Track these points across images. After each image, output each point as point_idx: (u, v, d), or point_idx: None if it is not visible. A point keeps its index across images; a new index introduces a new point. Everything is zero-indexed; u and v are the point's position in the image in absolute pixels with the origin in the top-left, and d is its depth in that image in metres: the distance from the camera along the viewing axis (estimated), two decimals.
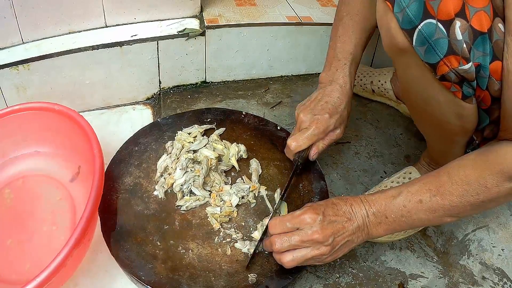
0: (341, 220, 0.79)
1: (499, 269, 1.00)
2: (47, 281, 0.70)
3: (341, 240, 0.78)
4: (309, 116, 0.95)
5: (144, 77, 1.33)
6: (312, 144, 0.96)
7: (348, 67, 0.99)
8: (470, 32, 0.66)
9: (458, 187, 0.73)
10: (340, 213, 0.79)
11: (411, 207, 0.77)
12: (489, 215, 1.11)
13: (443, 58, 0.68)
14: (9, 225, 0.95)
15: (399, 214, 0.78)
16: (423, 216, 0.77)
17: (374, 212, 0.79)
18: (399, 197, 0.78)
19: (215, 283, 0.82)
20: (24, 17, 1.13)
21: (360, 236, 0.80)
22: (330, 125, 0.95)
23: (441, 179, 0.76)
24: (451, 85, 0.72)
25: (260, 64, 1.45)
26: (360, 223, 0.79)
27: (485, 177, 0.71)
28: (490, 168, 0.71)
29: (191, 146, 1.02)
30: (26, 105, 1.00)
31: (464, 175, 0.73)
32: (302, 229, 0.77)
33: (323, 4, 1.53)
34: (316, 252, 0.77)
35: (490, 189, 0.71)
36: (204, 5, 1.39)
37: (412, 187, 0.78)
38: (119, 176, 0.98)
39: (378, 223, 0.79)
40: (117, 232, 0.87)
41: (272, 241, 0.79)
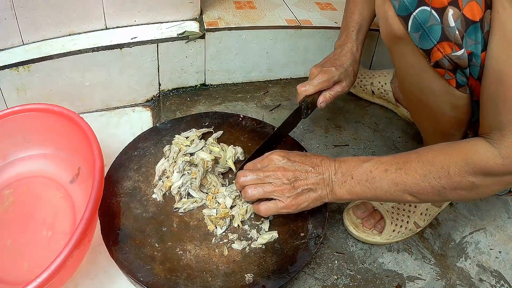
0: (305, 168, 0.85)
1: (496, 271, 1.00)
2: (47, 281, 0.70)
3: (302, 185, 0.84)
4: (318, 69, 1.07)
5: (143, 79, 1.33)
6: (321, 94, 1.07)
7: (355, 33, 1.12)
8: (462, 20, 0.68)
9: (423, 166, 0.75)
10: (306, 162, 0.86)
11: (376, 174, 0.79)
12: (486, 218, 1.12)
13: (437, 44, 0.72)
14: (9, 226, 0.95)
15: (364, 177, 0.81)
16: (385, 186, 0.79)
17: (342, 171, 0.83)
18: (369, 162, 0.81)
19: (212, 283, 0.82)
20: (25, 19, 1.14)
21: (324, 190, 0.84)
22: (335, 76, 1.05)
23: (410, 156, 0.78)
24: (445, 72, 0.75)
25: (259, 67, 1.46)
26: (326, 177, 0.84)
27: (448, 163, 0.73)
28: (455, 156, 0.73)
29: (187, 149, 1.02)
30: (26, 106, 1.00)
31: (431, 157, 0.75)
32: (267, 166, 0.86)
33: (322, 8, 1.53)
34: (276, 188, 0.84)
35: (452, 177, 0.72)
36: (204, 8, 1.40)
37: (383, 157, 0.82)
38: (119, 180, 0.99)
39: (343, 181, 0.83)
40: (116, 235, 0.88)
41: (238, 175, 0.89)
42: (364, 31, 1.14)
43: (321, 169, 0.84)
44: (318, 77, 1.04)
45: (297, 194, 0.84)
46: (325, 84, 1.05)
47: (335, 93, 1.08)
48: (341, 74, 1.06)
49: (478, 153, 0.70)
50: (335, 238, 1.02)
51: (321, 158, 0.86)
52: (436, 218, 1.09)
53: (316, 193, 0.84)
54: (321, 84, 1.04)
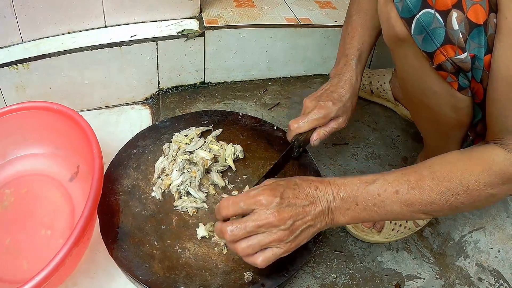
0: (301, 204, 0.73)
1: (495, 270, 1.00)
2: (46, 279, 0.70)
3: (301, 225, 0.72)
4: (313, 103, 0.97)
5: (143, 77, 1.33)
6: (314, 130, 0.98)
7: (355, 62, 1.02)
8: (466, 23, 0.67)
9: (439, 183, 0.70)
10: (301, 196, 0.73)
11: (386, 197, 0.72)
12: (485, 217, 1.12)
13: (440, 47, 0.70)
14: (8, 224, 0.95)
15: (371, 202, 0.72)
16: (397, 209, 0.72)
17: (343, 196, 0.73)
18: (374, 184, 0.73)
19: (211, 281, 0.82)
20: (24, 17, 1.14)
21: (323, 221, 0.74)
22: (332, 112, 0.96)
23: (422, 173, 0.72)
24: (448, 75, 0.74)
25: (259, 65, 1.46)
26: (324, 207, 0.74)
27: (467, 178, 0.69)
28: (473, 169, 0.69)
29: (187, 148, 1.02)
30: (25, 104, 1.00)
31: (446, 172, 0.70)
32: (256, 212, 0.71)
33: (322, 6, 1.53)
34: (274, 237, 0.70)
35: (471, 191, 0.69)
36: (204, 6, 1.40)
37: (389, 175, 0.73)
38: (118, 179, 0.99)
39: (346, 209, 0.74)
40: (115, 233, 0.88)
41: (223, 229, 0.72)
42: (364, 59, 1.04)
43: (318, 200, 0.74)
44: (314, 113, 0.95)
45: (296, 237, 0.72)
46: (321, 121, 0.96)
47: (331, 129, 0.98)
48: (339, 110, 0.97)
49: (496, 162, 0.68)
50: (334, 236, 1.02)
51: (315, 186, 0.75)
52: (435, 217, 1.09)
53: (315, 228, 0.74)
54: (316, 121, 0.96)
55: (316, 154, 1.21)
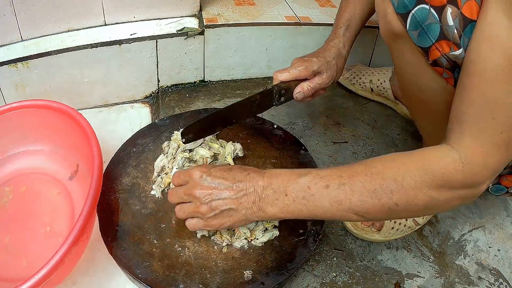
0: (225, 184, 0.76)
1: (495, 269, 1.00)
2: (45, 278, 0.70)
3: (220, 205, 0.75)
4: (299, 59, 1.01)
5: (142, 75, 1.33)
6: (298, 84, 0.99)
7: (343, 30, 1.08)
8: (460, 19, 0.68)
9: (372, 180, 0.67)
10: (228, 177, 0.76)
11: (315, 190, 0.70)
12: (485, 216, 1.12)
13: (435, 42, 0.71)
14: (7, 223, 0.95)
15: (300, 194, 0.71)
16: (327, 205, 0.70)
17: (274, 186, 0.74)
18: (306, 176, 0.72)
19: (211, 280, 0.82)
20: (23, 15, 1.13)
21: (250, 209, 0.75)
22: (314, 66, 0.98)
23: (356, 169, 0.70)
24: (443, 70, 0.74)
25: (259, 63, 1.45)
26: (249, 193, 0.74)
27: (403, 174, 0.66)
28: (411, 165, 0.66)
29: (186, 146, 1.02)
30: (25, 102, 1.00)
31: (381, 168, 0.68)
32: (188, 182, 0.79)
33: (322, 5, 1.53)
34: (195, 208, 0.77)
35: (407, 190, 0.65)
36: (203, 4, 1.39)
37: (323, 171, 0.72)
38: (117, 177, 0.99)
39: (275, 199, 0.73)
40: (115, 231, 0.88)
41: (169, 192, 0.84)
42: (353, 29, 1.08)
43: (244, 185, 0.75)
44: (297, 64, 0.98)
45: (215, 215, 0.76)
46: (303, 72, 0.97)
47: (314, 84, 0.99)
48: (322, 66, 0.99)
49: (436, 158, 0.66)
50: (334, 235, 1.02)
51: (247, 172, 0.77)
52: (435, 215, 1.09)
53: (239, 213, 0.76)
54: (299, 72, 0.97)
55: (315, 153, 1.21)
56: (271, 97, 0.98)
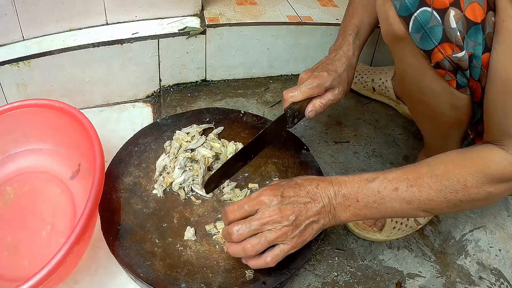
0: (302, 201, 0.75)
1: (496, 269, 1.00)
2: (47, 277, 0.70)
3: (304, 220, 0.75)
4: (308, 74, 0.96)
5: (144, 75, 1.33)
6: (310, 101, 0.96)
7: (353, 37, 1.02)
8: (463, 22, 0.68)
9: (437, 181, 0.71)
10: (301, 194, 0.76)
11: (385, 194, 0.74)
12: (486, 216, 1.12)
13: (438, 45, 0.71)
14: (9, 222, 0.95)
15: (371, 199, 0.74)
16: (397, 206, 0.74)
17: (345, 193, 0.76)
18: (375, 181, 0.75)
19: (213, 279, 0.82)
20: (25, 14, 1.14)
21: (326, 218, 0.76)
22: (326, 82, 0.94)
23: (421, 170, 0.73)
24: (446, 73, 0.74)
25: (260, 63, 1.45)
26: (326, 204, 0.76)
27: (465, 176, 0.70)
28: (471, 167, 0.70)
29: (188, 145, 1.02)
30: (27, 102, 1.00)
31: (444, 170, 0.71)
32: (259, 211, 0.75)
33: (324, 4, 1.53)
34: (278, 232, 0.73)
35: (469, 189, 0.70)
36: (205, 4, 1.39)
37: (389, 174, 0.75)
38: (119, 176, 0.99)
39: (347, 206, 0.76)
40: (116, 230, 0.88)
41: (229, 230, 0.75)
42: (362, 36, 1.04)
43: (319, 197, 0.76)
44: (308, 82, 0.93)
45: (300, 232, 0.75)
46: (315, 90, 0.93)
47: (326, 101, 0.96)
48: (334, 80, 0.95)
49: (494, 162, 0.69)
50: (335, 234, 1.02)
51: (316, 184, 0.77)
52: (436, 215, 1.09)
53: (319, 224, 0.76)
54: (310, 90, 0.93)
55: (317, 152, 1.21)
56: (285, 121, 0.95)
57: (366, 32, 1.05)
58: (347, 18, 1.06)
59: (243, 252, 0.75)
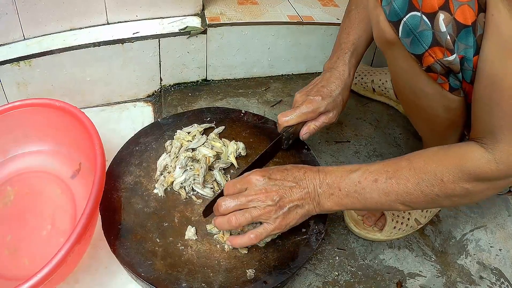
0: (288, 184, 0.80)
1: (496, 269, 1.00)
2: (48, 277, 0.70)
3: (288, 203, 0.79)
4: (303, 97, 0.99)
5: (145, 74, 1.33)
6: (304, 124, 1.00)
7: (349, 56, 1.02)
8: (453, 25, 0.67)
9: (415, 174, 0.73)
10: (288, 178, 0.81)
11: (365, 184, 0.77)
12: (486, 216, 1.12)
13: (428, 49, 0.71)
14: (9, 221, 0.95)
15: (352, 189, 0.77)
16: (376, 197, 0.76)
17: (328, 182, 0.79)
18: (356, 172, 0.78)
19: (214, 278, 0.82)
20: (26, 14, 1.14)
21: (311, 204, 0.80)
22: (321, 107, 0.97)
23: (400, 164, 0.76)
24: (438, 76, 0.75)
25: (261, 62, 1.46)
26: (311, 190, 0.80)
27: (442, 170, 0.71)
28: (449, 163, 0.71)
29: (189, 145, 1.02)
30: (27, 101, 1.00)
31: (423, 164, 0.73)
32: (247, 189, 0.80)
33: (324, 4, 1.53)
34: (262, 211, 0.78)
35: (446, 184, 0.71)
36: (206, 4, 1.39)
37: (371, 166, 0.78)
38: (120, 175, 0.99)
39: (331, 194, 0.79)
40: (117, 230, 0.88)
41: (218, 203, 0.81)
42: (358, 54, 1.04)
43: (305, 183, 0.80)
44: (302, 107, 0.97)
45: (284, 214, 0.79)
46: (309, 115, 0.98)
47: (320, 123, 1.00)
48: (329, 105, 0.98)
49: (472, 159, 0.69)
50: (336, 234, 1.03)
51: (303, 171, 0.82)
52: (436, 215, 1.09)
53: (303, 209, 0.80)
54: (304, 115, 0.97)
55: (318, 152, 1.21)
56: (281, 143, 1.01)
57: (363, 48, 1.05)
58: (343, 33, 1.06)
59: (227, 223, 0.80)
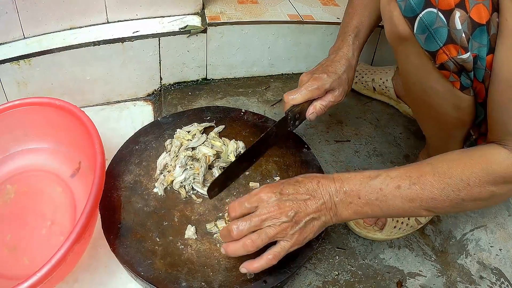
0: (301, 198, 0.75)
1: (496, 268, 1.00)
2: (48, 275, 0.70)
3: (304, 217, 0.74)
4: (308, 76, 0.96)
5: (145, 73, 1.33)
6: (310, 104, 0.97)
7: (352, 38, 1.02)
8: (469, 23, 0.68)
9: (440, 179, 0.71)
10: (301, 191, 0.76)
11: (388, 192, 0.73)
12: (487, 215, 1.12)
13: (443, 46, 0.71)
14: (9, 220, 0.95)
15: (373, 196, 0.74)
16: (399, 204, 0.73)
17: (346, 190, 0.75)
18: (377, 179, 0.74)
19: (213, 278, 0.82)
20: (26, 12, 1.13)
21: (328, 215, 0.76)
22: (326, 83, 0.94)
23: (424, 169, 0.73)
24: (450, 74, 0.74)
25: (261, 62, 1.45)
26: (326, 200, 0.75)
27: (468, 174, 0.69)
28: (474, 166, 0.70)
29: (189, 144, 1.02)
30: (27, 100, 1.00)
31: (447, 168, 0.71)
32: (259, 208, 0.75)
33: (325, 3, 1.53)
34: (278, 228, 0.73)
35: (472, 188, 0.69)
36: (206, 2, 1.39)
37: (392, 171, 0.75)
38: (120, 174, 0.99)
39: (349, 203, 0.75)
40: (117, 229, 0.88)
41: (229, 227, 0.75)
42: (362, 37, 1.04)
43: (319, 193, 0.76)
44: (308, 84, 0.94)
45: (301, 229, 0.74)
46: (315, 92, 0.94)
47: (327, 103, 0.97)
48: (334, 82, 0.95)
49: (497, 162, 0.69)
50: (336, 233, 1.02)
51: (317, 181, 0.77)
52: (438, 215, 1.09)
53: (320, 221, 0.76)
54: (310, 93, 0.94)
55: (318, 151, 1.21)
56: (286, 124, 0.96)
57: (366, 32, 1.04)
58: (346, 18, 1.06)
59: (243, 248, 0.74)
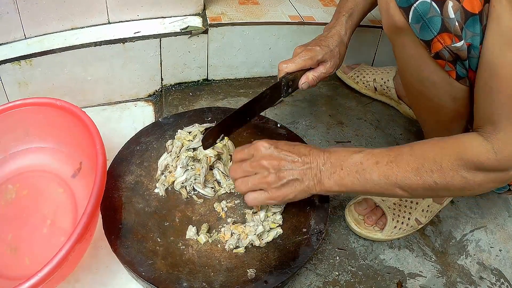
0: (292, 157, 0.82)
1: (496, 269, 1.00)
2: (49, 276, 0.70)
3: (288, 175, 0.82)
4: (302, 48, 1.02)
5: (146, 74, 1.33)
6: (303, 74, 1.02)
7: (346, 18, 1.08)
8: (462, 12, 0.70)
9: (415, 159, 0.74)
10: (294, 151, 0.83)
11: (366, 165, 0.78)
12: (487, 216, 1.12)
13: (437, 35, 0.73)
14: (10, 221, 0.95)
15: (354, 169, 0.79)
16: (376, 179, 0.77)
17: (332, 161, 0.81)
18: (360, 153, 0.80)
19: (214, 278, 0.82)
20: (27, 13, 1.14)
21: (311, 181, 0.82)
22: (318, 55, 1.00)
23: (402, 149, 0.78)
24: (445, 63, 0.77)
25: (262, 62, 1.46)
26: (313, 167, 0.82)
27: (441, 157, 0.72)
28: (449, 150, 0.73)
29: (190, 144, 1.02)
30: (28, 100, 1.00)
31: (423, 150, 0.75)
32: (254, 156, 0.85)
33: (325, 4, 1.53)
34: (261, 179, 0.82)
35: (444, 171, 0.72)
36: (207, 3, 1.39)
37: (375, 150, 0.80)
38: (121, 175, 0.99)
39: (333, 172, 0.81)
40: (118, 229, 0.88)
41: (231, 169, 0.88)
42: (355, 18, 1.09)
43: (308, 159, 0.82)
44: (301, 54, 1.00)
45: (282, 185, 0.82)
46: (308, 62, 1.00)
47: (319, 74, 1.02)
48: (326, 54, 1.01)
49: (471, 147, 0.71)
50: (337, 234, 1.03)
51: (309, 148, 0.84)
52: (437, 215, 1.09)
53: (303, 184, 0.82)
54: (303, 62, 0.99)
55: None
56: (280, 89, 1.01)
57: (359, 15, 1.10)
58: (341, 2, 1.12)
59: (236, 187, 0.87)
